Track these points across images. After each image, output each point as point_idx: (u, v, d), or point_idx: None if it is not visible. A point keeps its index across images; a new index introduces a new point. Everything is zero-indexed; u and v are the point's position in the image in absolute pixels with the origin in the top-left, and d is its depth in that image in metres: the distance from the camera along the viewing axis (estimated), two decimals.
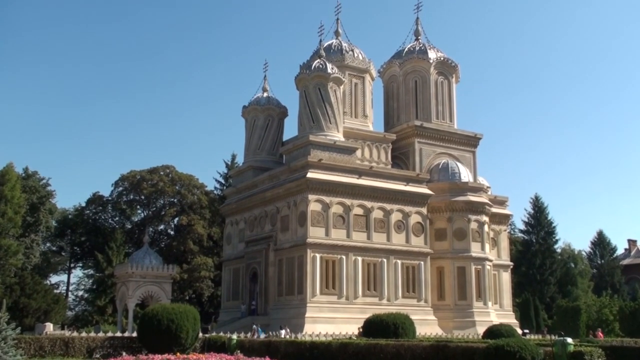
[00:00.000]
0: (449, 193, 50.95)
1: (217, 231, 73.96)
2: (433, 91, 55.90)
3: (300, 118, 49.42)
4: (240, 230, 53.79)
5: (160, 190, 76.42)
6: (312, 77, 48.64)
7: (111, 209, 79.03)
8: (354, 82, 53.55)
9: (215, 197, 77.84)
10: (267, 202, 49.78)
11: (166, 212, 77.41)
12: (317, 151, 46.27)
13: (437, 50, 57.82)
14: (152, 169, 78.08)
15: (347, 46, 54.69)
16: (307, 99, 48.79)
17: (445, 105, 56.28)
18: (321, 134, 47.47)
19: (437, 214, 50.60)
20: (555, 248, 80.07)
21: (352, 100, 53.20)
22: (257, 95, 56.22)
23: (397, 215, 48.19)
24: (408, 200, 48.85)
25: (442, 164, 52.69)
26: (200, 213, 75.49)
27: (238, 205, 54.14)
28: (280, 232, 47.56)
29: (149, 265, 47.19)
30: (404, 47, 58.53)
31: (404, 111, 55.99)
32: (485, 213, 51.59)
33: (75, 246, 79.14)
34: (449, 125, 55.65)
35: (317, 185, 45.22)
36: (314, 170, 45.51)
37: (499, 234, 56.81)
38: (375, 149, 51.54)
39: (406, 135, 53.43)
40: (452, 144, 54.61)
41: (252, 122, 55.13)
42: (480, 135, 56.03)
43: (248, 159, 55.11)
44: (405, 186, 49.16)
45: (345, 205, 46.15)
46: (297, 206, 45.81)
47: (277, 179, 49.35)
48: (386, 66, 58.44)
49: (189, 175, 79.34)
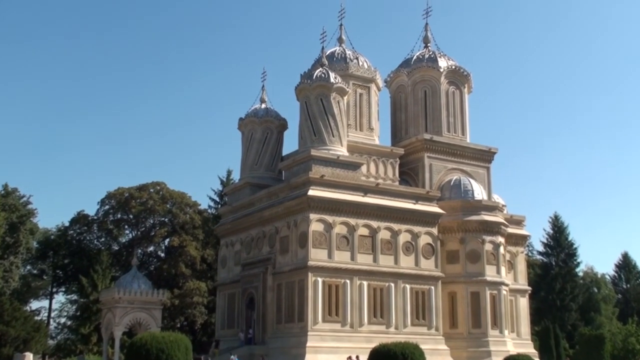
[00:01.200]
0: (461, 212, 50.86)
1: (211, 253, 73.79)
2: (444, 102, 55.98)
3: (301, 131, 49.47)
4: (236, 252, 53.68)
5: (150, 209, 76.34)
6: (313, 87, 48.75)
7: (97, 229, 78.90)
8: (359, 92, 53.64)
9: (209, 217, 77.72)
10: (265, 222, 49.71)
11: (156, 232, 77.29)
12: (319, 167, 46.28)
13: (448, 58, 57.99)
14: (141, 186, 78.03)
15: (351, 54, 54.85)
16: (309, 111, 48.88)
17: (456, 117, 56.33)
18: (323, 148, 47.50)
19: (449, 235, 50.47)
20: (576, 271, 79.91)
21: (357, 111, 53.25)
22: (255, 107, 56.35)
23: (405, 236, 48.09)
24: (417, 219, 48.76)
25: (453, 181, 52.65)
26: (193, 233, 75.36)
27: (234, 225, 54.06)
28: (279, 254, 47.45)
29: (138, 290, 47.02)
30: (412, 55, 58.71)
31: (413, 123, 56.05)
32: (500, 233, 51.47)
33: (57, 269, 78.97)
34: (461, 139, 55.67)
35: (319, 204, 45.17)
36: (315, 187, 45.51)
37: (515, 256, 56.60)
38: (381, 164, 51.53)
39: (415, 149, 53.45)
40: (465, 159, 54.58)
41: (249, 135, 55.20)
42: (495, 150, 56.01)
43: (244, 175, 55.13)
44: (414, 205, 49.11)
45: (349, 225, 46.06)
46: (298, 226, 45.75)
47: (275, 197, 49.33)
48: (393, 75, 58.59)
49: (181, 192, 79.30)
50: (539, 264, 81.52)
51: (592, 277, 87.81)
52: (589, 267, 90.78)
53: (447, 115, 55.89)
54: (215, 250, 70.31)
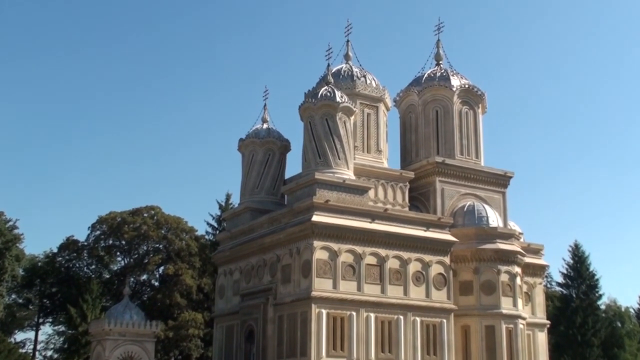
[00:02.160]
0: (475, 240, 50.73)
1: (209, 282, 73.71)
2: (456, 123, 56.07)
3: (305, 153, 49.57)
4: (234, 282, 53.55)
5: (144, 235, 76.44)
6: (318, 107, 48.92)
7: (87, 256, 79.00)
8: (367, 112, 53.79)
9: (206, 243, 77.73)
10: (266, 249, 49.64)
11: (150, 259, 77.30)
12: (324, 191, 46.29)
13: (461, 76, 58.18)
14: (134, 211, 78.21)
15: (358, 72, 55.07)
16: (313, 131, 48.99)
17: (470, 139, 56.39)
18: (328, 171, 47.56)
19: (462, 264, 50.31)
20: (598, 304, 79.45)
21: (364, 132, 53.35)
22: (256, 127, 56.51)
23: (415, 266, 47.94)
24: (428, 248, 48.64)
25: (467, 207, 52.59)
26: (189, 261, 75.35)
27: (232, 253, 53.98)
28: (280, 284, 47.32)
29: (129, 322, 46.88)
30: (423, 73, 58.88)
31: (424, 146, 56.12)
32: (517, 263, 51.29)
33: (44, 298, 78.94)
34: (475, 162, 55.68)
35: (324, 230, 45.12)
36: (320, 212, 45.48)
37: (533, 288, 56.34)
38: (390, 188, 51.52)
39: (426, 173, 53.46)
40: (479, 183, 54.55)
41: (250, 157, 55.32)
42: (511, 174, 55.97)
43: (244, 200, 55.15)
44: (425, 232, 49.02)
45: (356, 254, 45.97)
46: (301, 254, 45.67)
47: (277, 223, 49.30)
48: (403, 94, 58.76)
49: (177, 217, 79.42)
50: (559, 296, 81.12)
51: (615, 310, 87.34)
52: (611, 300, 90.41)
53: (460, 137, 55.95)
54: (212, 279, 70.17)
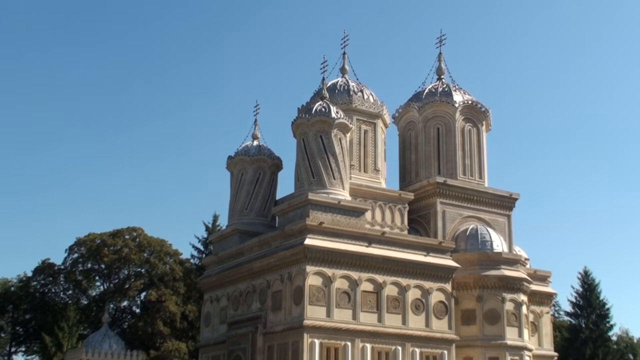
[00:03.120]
0: (478, 266, 50.71)
1: (194, 309, 73.43)
2: (459, 141, 56.24)
3: (298, 172, 49.60)
4: (221, 309, 53.38)
5: (125, 258, 76.23)
6: (312, 123, 49.01)
7: (63, 281, 78.70)
8: (364, 129, 53.90)
9: (191, 268, 77.57)
10: (255, 275, 49.51)
11: (131, 284, 77.07)
12: (318, 212, 46.26)
13: (464, 92, 58.43)
14: (115, 232, 78.00)
15: (355, 86, 55.24)
16: (306, 149, 49.04)
17: (473, 159, 56.54)
18: (323, 191, 47.56)
19: (464, 292, 50.26)
20: (609, 335, 79.47)
21: (361, 151, 53.44)
22: (246, 144, 56.57)
23: (415, 293, 47.85)
24: (428, 274, 48.58)
25: (469, 230, 52.61)
26: (173, 287, 75.09)
27: (220, 278, 53.83)
28: (271, 312, 47.16)
29: (108, 351, 46.75)
30: (423, 88, 59.13)
31: (424, 165, 56.23)
32: (523, 291, 51.26)
33: (17, 325, 78.56)
34: (478, 183, 55.81)
35: (317, 255, 45.03)
36: (313, 235, 45.42)
37: (540, 317, 56.33)
38: (388, 210, 51.54)
39: (426, 194, 53.52)
40: (483, 205, 54.65)
41: (239, 176, 55.32)
42: (517, 196, 56.09)
43: (233, 221, 55.08)
44: (425, 257, 48.98)
45: (351, 280, 45.87)
46: (293, 280, 45.55)
47: (268, 246, 49.22)
48: (402, 110, 58.95)
49: (160, 239, 79.24)
50: (567, 326, 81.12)
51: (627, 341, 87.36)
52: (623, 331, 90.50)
53: (462, 156, 56.09)
54: (198, 306, 69.90)
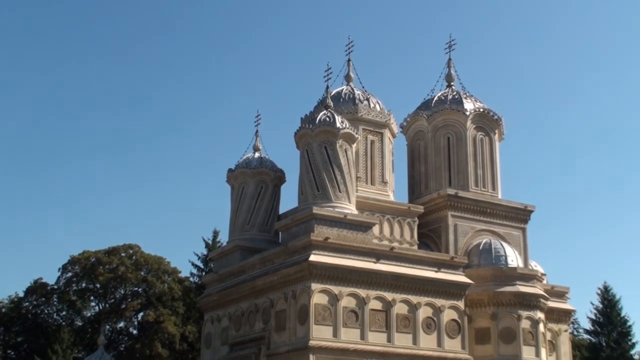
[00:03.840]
0: (492, 282, 50.58)
1: (194, 330, 73.35)
2: (470, 151, 56.20)
3: (301, 185, 49.58)
4: (223, 330, 53.30)
5: (121, 277, 76.30)
6: (316, 133, 49.02)
7: (57, 301, 78.76)
8: (370, 139, 53.91)
9: (191, 286, 77.52)
10: (258, 293, 49.45)
11: (128, 305, 77.06)
12: (323, 227, 46.20)
13: (475, 99, 58.44)
14: (110, 250, 78.12)
15: (360, 94, 55.29)
16: (310, 161, 49.04)
17: (486, 169, 56.49)
18: (328, 205, 47.53)
19: (478, 309, 50.11)
20: (631, 354, 78.94)
21: (368, 162, 53.43)
22: (247, 156, 56.62)
23: (426, 311, 47.73)
24: (440, 291, 48.46)
25: (483, 245, 52.52)
26: (172, 306, 75.09)
27: (221, 297, 53.76)
28: (274, 332, 47.06)
29: None
30: (432, 96, 59.17)
31: (434, 176, 56.19)
32: (540, 308, 51.10)
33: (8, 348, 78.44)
34: (492, 195, 55.74)
35: (323, 271, 44.95)
36: (318, 251, 45.37)
37: (558, 335, 56.08)
38: (397, 224, 51.48)
39: (437, 207, 53.47)
40: (496, 218, 54.57)
41: (240, 189, 55.33)
42: (532, 208, 55.99)
43: (234, 237, 55.06)
44: (437, 273, 48.88)
45: (358, 298, 45.76)
46: (297, 298, 45.48)
47: (271, 263, 49.17)
48: (411, 119, 58.96)
49: (158, 257, 79.32)
50: (587, 345, 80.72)
51: None
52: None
53: (474, 167, 56.04)
54: (198, 327, 69.78)
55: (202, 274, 75.67)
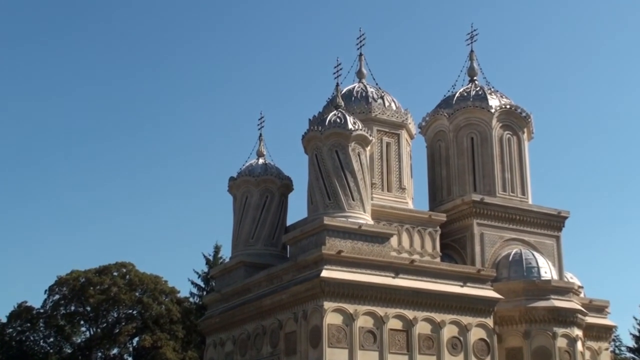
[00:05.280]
0: (524, 296, 50.51)
1: (195, 356, 73.47)
2: (497, 152, 56.17)
3: (311, 193, 49.65)
4: (227, 354, 53.39)
5: (113, 299, 76.44)
6: (326, 136, 49.10)
7: (43, 326, 78.98)
8: (386, 141, 53.95)
9: (191, 307, 77.71)
10: (265, 314, 49.53)
11: (122, 329, 77.23)
12: (335, 239, 46.25)
13: (501, 95, 58.43)
14: (101, 269, 78.33)
15: (374, 92, 55.36)
16: (320, 166, 49.11)
17: (514, 172, 56.44)
18: (340, 215, 47.57)
19: (509, 327, 50.04)
20: None
21: (384, 166, 53.45)
22: (250, 163, 56.74)
23: (451, 330, 47.71)
24: (466, 307, 48.46)
25: (512, 255, 52.46)
26: (170, 330, 75.23)
27: (224, 319, 53.85)
28: (284, 357, 47.10)
29: None
30: (454, 92, 59.23)
31: (457, 181, 56.18)
32: (577, 324, 51.01)
33: None
34: (521, 200, 55.70)
35: (336, 288, 44.97)
36: (331, 266, 45.40)
37: (598, 354, 56.04)
38: (417, 235, 51.47)
39: (461, 214, 53.49)
40: (527, 226, 54.53)
41: (243, 199, 55.44)
42: (566, 214, 55.94)
43: (237, 252, 55.15)
44: (462, 288, 48.89)
45: (376, 317, 45.78)
46: (308, 319, 45.52)
47: (279, 280, 49.24)
48: (430, 119, 59.00)
49: (154, 276, 79.46)
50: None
51: None
52: None
53: (501, 170, 56.00)
54: (199, 352, 69.89)
55: (203, 294, 75.87)
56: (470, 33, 60.65)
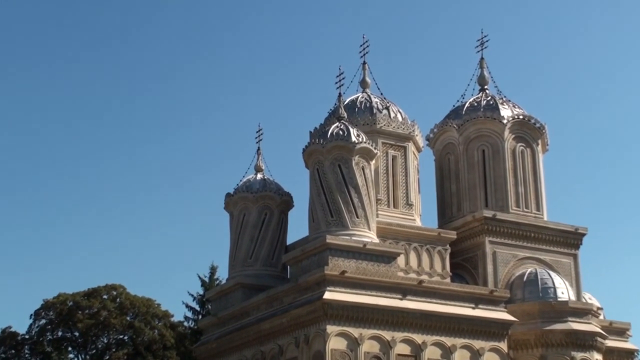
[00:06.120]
0: (539, 319, 50.50)
1: None
2: (510, 165, 56.22)
3: (312, 210, 49.69)
4: None
5: (103, 323, 76.29)
6: (328, 149, 49.15)
7: (29, 353, 78.81)
8: (391, 154, 54.02)
9: (185, 332, 77.55)
10: (264, 338, 49.53)
11: (112, 355, 77.01)
12: (339, 259, 46.24)
13: (513, 104, 58.52)
14: (90, 292, 78.20)
15: (379, 102, 55.45)
16: (322, 182, 49.16)
17: (528, 187, 56.44)
18: (344, 233, 47.59)
19: (524, 352, 50.04)
20: None
21: (389, 181, 53.51)
22: (248, 178, 56.82)
23: (462, 355, 47.68)
24: (479, 330, 48.45)
25: (527, 275, 52.46)
26: (164, 357, 75.09)
27: (221, 344, 53.84)
28: None
29: None
30: (463, 102, 59.34)
31: (468, 196, 56.21)
32: (596, 348, 50.95)
33: None
34: (536, 216, 55.70)
35: (340, 311, 44.97)
36: (334, 287, 45.40)
37: None
38: (426, 253, 51.49)
39: (472, 232, 53.53)
40: (542, 243, 54.56)
41: (241, 217, 55.48)
42: (584, 231, 55.94)
43: (235, 273, 55.17)
44: (474, 310, 48.87)
45: (382, 341, 45.74)
46: (310, 343, 45.50)
47: (279, 303, 49.24)
48: (438, 130, 59.07)
49: (146, 299, 79.32)
50: None
51: None
52: None
53: (514, 184, 56.03)
54: None
55: (198, 318, 75.73)
56: (480, 39, 60.90)
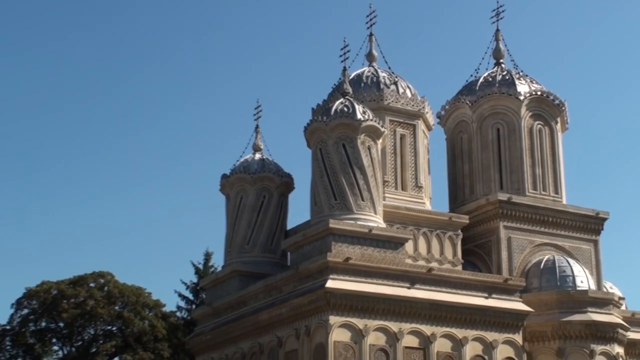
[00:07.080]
0: (557, 309, 50.60)
1: None
2: (526, 145, 56.22)
3: (314, 192, 49.70)
4: None
5: (90, 313, 76.50)
6: (332, 127, 49.10)
7: (10, 345, 79.14)
8: (400, 133, 54.01)
9: (178, 323, 77.80)
10: (262, 330, 49.66)
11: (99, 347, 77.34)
12: (342, 245, 46.29)
13: (531, 80, 58.45)
14: (76, 279, 78.40)
15: (386, 77, 55.39)
16: (325, 162, 49.13)
17: (546, 168, 56.46)
18: (348, 217, 47.62)
19: (540, 344, 50.17)
20: None
21: (397, 162, 53.51)
22: (245, 158, 56.79)
23: (474, 347, 47.78)
24: (492, 322, 48.53)
25: (544, 262, 52.56)
26: (155, 348, 75.36)
27: (216, 336, 54.00)
28: None
29: None
30: (477, 77, 59.30)
31: (481, 178, 56.24)
32: (617, 340, 51.09)
33: None
34: (554, 200, 55.75)
35: (344, 301, 45.02)
36: (337, 276, 45.43)
37: None
38: (436, 239, 51.58)
39: (485, 216, 53.61)
40: (560, 228, 54.65)
41: (238, 200, 55.52)
42: (606, 215, 56.00)
43: (231, 260, 55.26)
44: (487, 299, 48.95)
45: (389, 333, 45.82)
46: (312, 335, 45.58)
47: (278, 292, 49.36)
48: (450, 107, 59.06)
49: (136, 287, 79.55)
50: None
51: None
52: None
53: (531, 165, 56.05)
54: None
55: (192, 308, 75.92)
56: (495, 9, 60.81)
